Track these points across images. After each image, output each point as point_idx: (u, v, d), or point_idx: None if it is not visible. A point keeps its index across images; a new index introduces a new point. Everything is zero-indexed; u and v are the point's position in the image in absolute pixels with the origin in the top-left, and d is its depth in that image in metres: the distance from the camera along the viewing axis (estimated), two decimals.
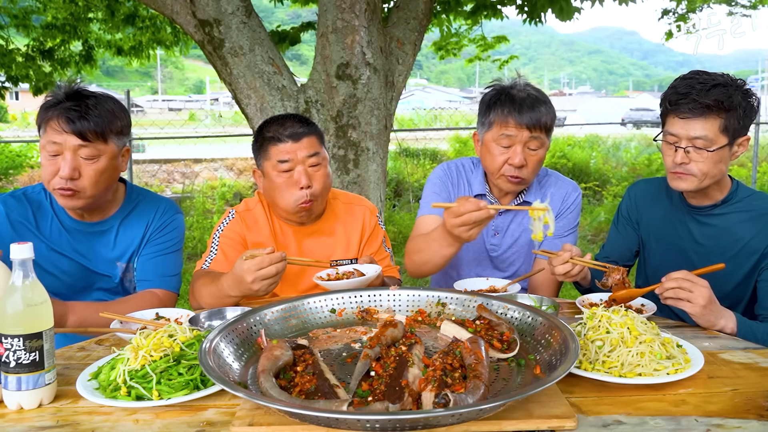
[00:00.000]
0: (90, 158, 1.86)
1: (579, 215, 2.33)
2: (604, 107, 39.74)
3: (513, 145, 2.09)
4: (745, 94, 1.84)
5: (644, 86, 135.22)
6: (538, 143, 2.09)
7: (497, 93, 2.13)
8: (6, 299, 1.21)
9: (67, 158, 1.83)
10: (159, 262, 2.08)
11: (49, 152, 1.84)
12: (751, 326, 1.71)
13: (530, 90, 2.12)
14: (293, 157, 2.04)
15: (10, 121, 29.54)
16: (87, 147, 1.85)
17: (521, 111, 2.05)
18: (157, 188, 11.02)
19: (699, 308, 1.61)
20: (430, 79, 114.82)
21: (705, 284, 1.62)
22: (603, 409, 1.20)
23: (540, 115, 2.06)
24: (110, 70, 75.34)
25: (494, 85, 2.19)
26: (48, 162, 1.85)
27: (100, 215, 2.03)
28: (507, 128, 2.07)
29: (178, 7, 4.00)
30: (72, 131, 1.82)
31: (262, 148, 2.10)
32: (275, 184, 2.07)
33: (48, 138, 1.83)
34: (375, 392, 1.17)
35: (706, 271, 1.69)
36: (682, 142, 1.86)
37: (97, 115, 1.85)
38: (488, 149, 2.14)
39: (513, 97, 2.08)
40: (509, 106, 2.07)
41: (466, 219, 1.74)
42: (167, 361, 1.29)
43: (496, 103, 2.10)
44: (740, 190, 1.98)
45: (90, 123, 1.83)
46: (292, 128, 2.06)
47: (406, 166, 10.64)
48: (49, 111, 1.84)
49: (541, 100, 2.08)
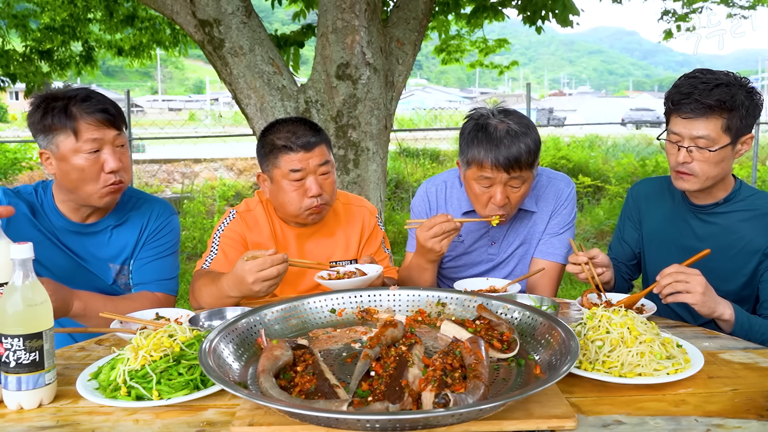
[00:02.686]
0: (122, 146, 1.91)
1: (575, 209, 2.30)
2: (604, 107, 39.75)
3: (493, 185, 2.02)
4: (749, 92, 1.83)
5: (644, 86, 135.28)
6: (520, 181, 2.01)
7: (475, 127, 2.02)
8: (6, 299, 1.21)
9: (110, 151, 1.87)
10: (157, 266, 2.07)
11: (87, 151, 1.83)
12: (748, 316, 1.73)
13: (509, 123, 1.99)
14: (305, 166, 2.03)
15: (10, 121, 29.55)
16: (120, 135, 1.90)
17: (498, 152, 1.94)
18: (157, 188, 11.03)
19: (699, 296, 1.62)
20: (430, 79, 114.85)
21: (698, 272, 1.64)
22: (603, 409, 1.20)
23: (519, 154, 1.94)
24: (110, 70, 75.37)
25: (472, 114, 2.09)
26: (89, 163, 1.84)
27: (96, 216, 2.01)
28: (484, 170, 1.98)
29: (178, 7, 4.00)
30: (108, 122, 1.85)
31: (272, 154, 2.06)
32: (285, 192, 2.06)
33: (86, 137, 1.82)
34: (375, 392, 1.17)
35: (695, 259, 1.73)
36: (684, 141, 1.86)
37: (112, 104, 1.89)
38: (470, 187, 2.08)
39: (489, 135, 1.96)
40: (486, 145, 1.96)
41: (437, 230, 1.89)
42: (167, 361, 1.29)
43: (473, 142, 2.00)
44: (743, 189, 1.98)
45: (114, 109, 1.88)
46: (305, 137, 2.03)
47: (406, 166, 10.64)
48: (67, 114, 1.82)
49: (520, 134, 1.96)
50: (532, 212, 2.25)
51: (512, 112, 2.07)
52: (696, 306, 1.64)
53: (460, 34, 8.14)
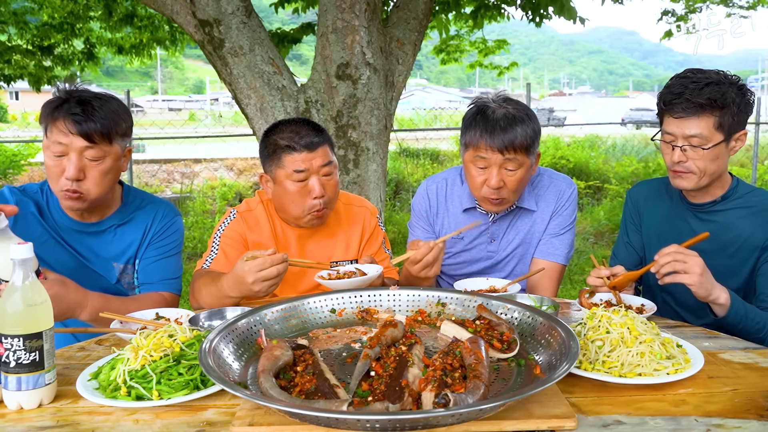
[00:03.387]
0: (95, 160, 1.86)
1: (575, 211, 2.31)
2: (604, 107, 39.74)
3: (488, 167, 2.05)
4: (740, 89, 1.85)
5: (644, 86, 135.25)
6: (515, 164, 2.03)
7: (475, 112, 2.07)
8: (6, 299, 1.21)
9: (73, 159, 1.83)
10: (161, 266, 2.09)
11: (54, 153, 1.84)
12: (743, 303, 1.74)
13: (508, 108, 2.03)
14: (309, 167, 2.02)
15: (10, 121, 29.55)
16: (93, 149, 1.84)
17: (493, 134, 1.98)
18: (157, 188, 11.02)
19: (696, 277, 1.64)
20: (430, 79, 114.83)
21: (696, 254, 1.66)
22: (603, 409, 1.20)
23: (513, 137, 1.98)
24: (110, 70, 75.34)
25: (476, 101, 2.13)
26: (53, 163, 1.85)
27: (97, 215, 2.03)
28: (479, 151, 2.03)
29: (178, 7, 4.00)
30: (78, 133, 1.81)
31: (275, 155, 2.06)
32: (288, 193, 2.05)
33: (54, 139, 1.83)
34: (375, 392, 1.17)
35: (694, 241, 1.75)
36: (678, 140, 1.89)
37: (102, 116, 1.84)
38: (467, 170, 2.12)
39: (487, 118, 2.01)
40: (482, 127, 2.01)
41: (425, 262, 1.87)
42: (167, 361, 1.29)
43: (471, 124, 2.05)
44: (740, 187, 2.00)
45: (96, 124, 1.83)
46: (308, 137, 2.03)
47: (406, 166, 10.64)
48: (54, 112, 1.84)
49: (517, 119, 2.00)
50: (532, 211, 2.26)
51: (513, 101, 2.11)
52: (693, 287, 1.66)
53: (460, 35, 8.13)
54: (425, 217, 2.34)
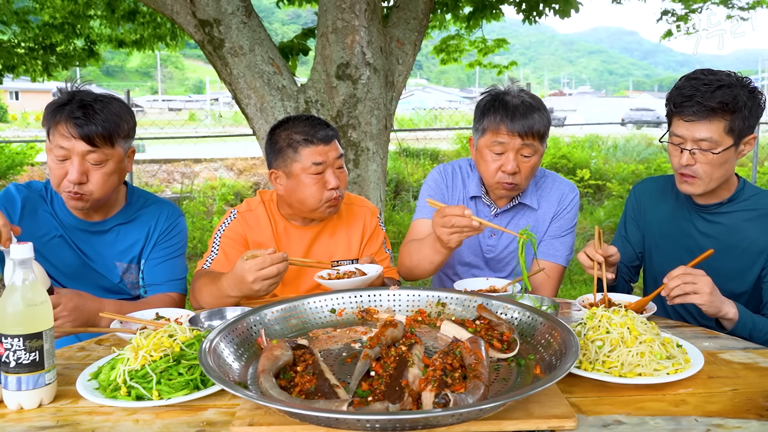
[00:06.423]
0: (98, 163, 1.85)
1: (576, 215, 2.33)
2: (604, 107, 39.74)
3: (505, 152, 2.08)
4: (752, 92, 1.81)
5: (644, 86, 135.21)
6: (531, 150, 2.09)
7: (491, 99, 2.12)
8: (6, 299, 1.21)
9: (75, 163, 1.82)
10: (167, 266, 2.10)
11: (56, 156, 1.83)
12: (752, 316, 1.73)
13: (524, 96, 2.10)
14: (326, 159, 2.06)
15: (10, 121, 29.54)
16: (95, 152, 1.84)
17: (513, 119, 2.04)
18: (157, 188, 11.02)
19: (707, 296, 1.62)
20: (430, 79, 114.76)
21: (704, 273, 1.65)
22: (603, 409, 1.20)
23: (532, 123, 2.04)
24: (110, 70, 75.37)
25: (490, 90, 2.18)
26: (56, 165, 1.85)
27: (101, 215, 2.03)
28: (499, 135, 2.07)
29: (178, 7, 4.00)
30: (80, 136, 1.80)
31: (290, 148, 2.07)
32: (304, 185, 2.06)
33: (56, 142, 1.82)
34: (375, 392, 1.17)
35: (700, 260, 1.73)
36: (687, 144, 1.85)
37: (104, 119, 1.83)
38: (482, 156, 2.15)
39: (506, 104, 2.07)
40: (502, 113, 2.06)
41: (447, 221, 1.78)
42: (167, 361, 1.29)
43: (489, 110, 2.10)
44: (747, 189, 1.97)
45: (98, 128, 1.82)
46: (323, 131, 2.08)
47: (406, 166, 10.64)
48: (56, 114, 1.83)
49: (534, 107, 2.07)
50: (534, 210, 2.27)
51: (527, 91, 2.16)
52: (703, 306, 1.64)
53: (459, 34, 8.13)
54: (442, 188, 2.34)
